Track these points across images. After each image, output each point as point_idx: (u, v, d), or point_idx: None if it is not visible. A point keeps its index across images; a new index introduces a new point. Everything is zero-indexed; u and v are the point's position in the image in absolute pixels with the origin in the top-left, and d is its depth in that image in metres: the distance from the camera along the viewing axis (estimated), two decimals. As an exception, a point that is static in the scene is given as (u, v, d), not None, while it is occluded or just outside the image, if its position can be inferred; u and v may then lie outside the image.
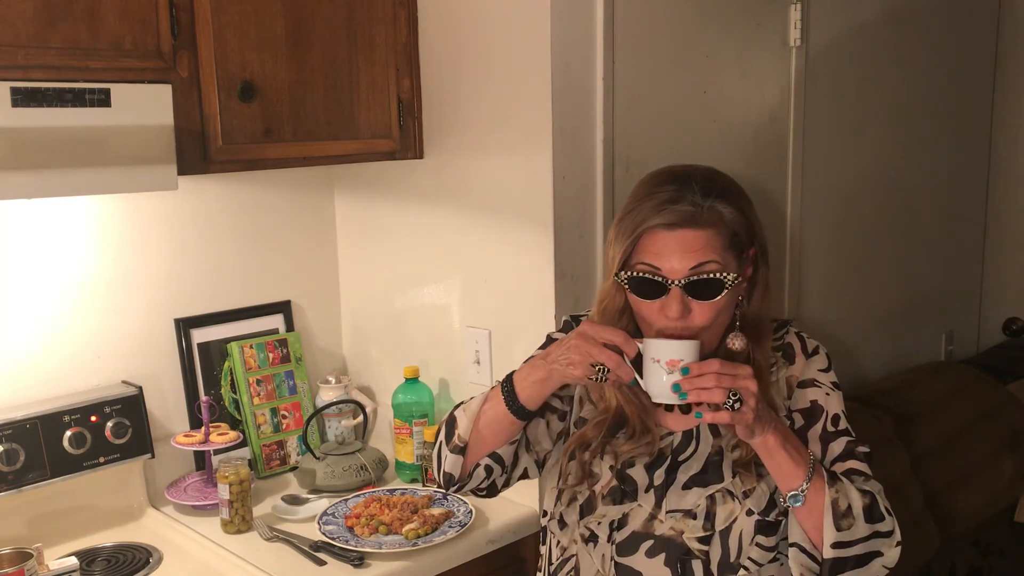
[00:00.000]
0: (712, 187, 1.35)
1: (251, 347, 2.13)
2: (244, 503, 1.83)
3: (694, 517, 1.37)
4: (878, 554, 1.33)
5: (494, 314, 1.97)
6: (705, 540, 1.36)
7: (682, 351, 1.28)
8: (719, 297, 1.32)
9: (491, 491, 1.49)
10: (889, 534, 1.33)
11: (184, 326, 2.08)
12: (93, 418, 1.86)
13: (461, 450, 1.43)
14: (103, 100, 1.51)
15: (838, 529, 1.28)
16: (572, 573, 1.44)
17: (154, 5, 1.60)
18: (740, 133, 2.22)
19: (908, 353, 2.91)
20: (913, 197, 2.84)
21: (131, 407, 1.91)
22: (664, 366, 1.28)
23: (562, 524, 1.46)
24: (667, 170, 1.40)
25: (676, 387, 1.25)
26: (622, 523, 1.41)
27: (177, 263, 2.08)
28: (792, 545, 1.32)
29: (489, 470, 1.44)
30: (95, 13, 1.53)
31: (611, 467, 1.43)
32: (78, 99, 1.48)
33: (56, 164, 1.48)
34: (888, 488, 1.40)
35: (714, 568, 1.36)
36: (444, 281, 2.08)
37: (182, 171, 1.64)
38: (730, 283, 1.32)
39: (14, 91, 1.42)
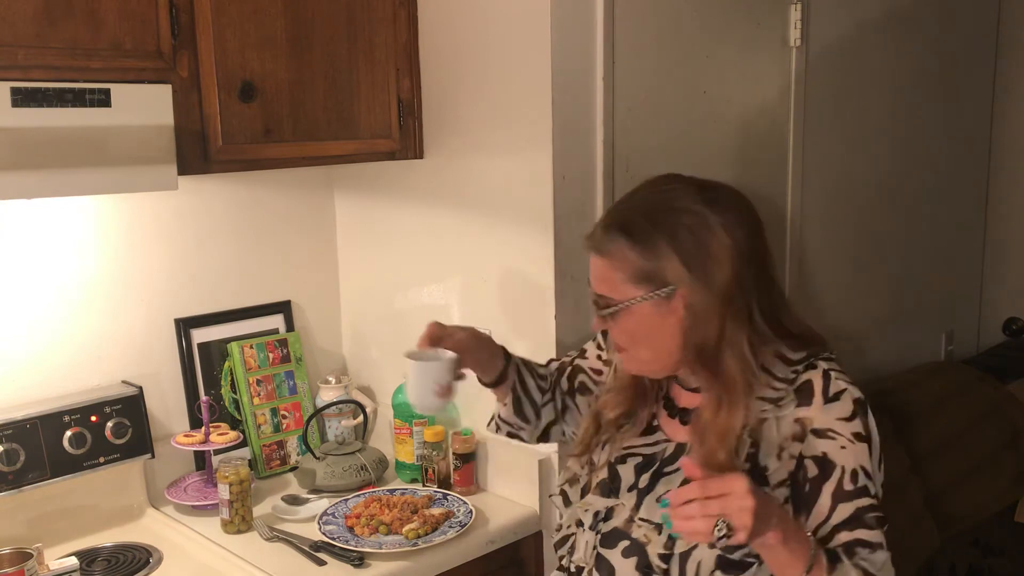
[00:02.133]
0: (614, 219, 1.38)
1: (251, 347, 2.13)
2: (244, 503, 1.83)
3: (659, 532, 1.34)
4: None
5: (494, 314, 1.97)
6: (665, 558, 1.33)
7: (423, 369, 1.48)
8: (617, 319, 1.36)
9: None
10: None
11: (184, 326, 2.08)
12: (93, 418, 1.86)
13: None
14: (103, 100, 1.51)
15: None
16: (569, 549, 1.47)
17: (154, 5, 1.60)
18: (740, 133, 2.22)
19: (908, 353, 2.91)
20: (913, 197, 2.84)
21: (131, 407, 1.91)
22: (425, 382, 1.45)
23: (567, 501, 1.49)
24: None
25: (664, 518, 1.18)
26: (608, 515, 1.42)
27: (177, 263, 2.08)
28: None
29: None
30: (95, 13, 1.53)
31: (609, 460, 1.44)
32: (78, 99, 1.49)
33: (56, 164, 1.48)
34: (888, 488, 1.38)
35: None
36: (444, 281, 2.08)
37: (182, 171, 1.64)
38: (616, 310, 1.35)
39: (14, 91, 1.42)
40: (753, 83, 2.24)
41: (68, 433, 1.82)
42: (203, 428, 1.99)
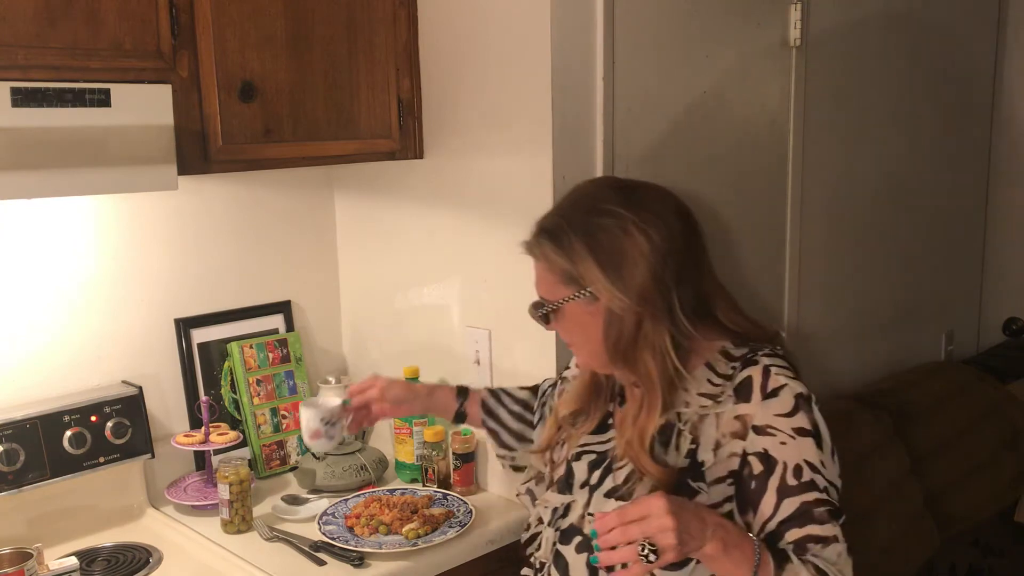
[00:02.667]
0: (542, 223, 1.41)
1: (251, 347, 2.13)
2: (244, 503, 1.83)
3: None
4: None
5: (494, 314, 1.97)
6: None
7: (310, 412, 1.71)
8: (553, 322, 1.42)
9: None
10: None
11: (184, 326, 2.08)
12: (93, 418, 1.86)
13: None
14: (103, 100, 1.51)
15: None
16: (537, 546, 1.50)
17: (154, 5, 1.60)
18: (740, 133, 2.22)
19: (908, 353, 2.91)
20: (913, 197, 2.84)
21: (131, 407, 1.91)
22: (305, 424, 1.71)
23: (533, 497, 1.55)
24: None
25: (597, 548, 1.19)
26: (566, 512, 1.44)
27: (177, 263, 2.08)
28: None
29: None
30: (95, 13, 1.53)
31: (566, 456, 1.48)
32: (78, 99, 1.49)
33: (56, 164, 1.48)
34: (888, 488, 1.38)
35: None
36: (444, 281, 2.08)
37: (182, 171, 1.64)
38: (543, 311, 1.41)
39: (14, 91, 1.42)
40: (753, 83, 2.24)
41: (68, 433, 1.82)
42: (203, 428, 1.99)
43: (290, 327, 2.25)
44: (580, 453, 1.47)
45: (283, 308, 2.25)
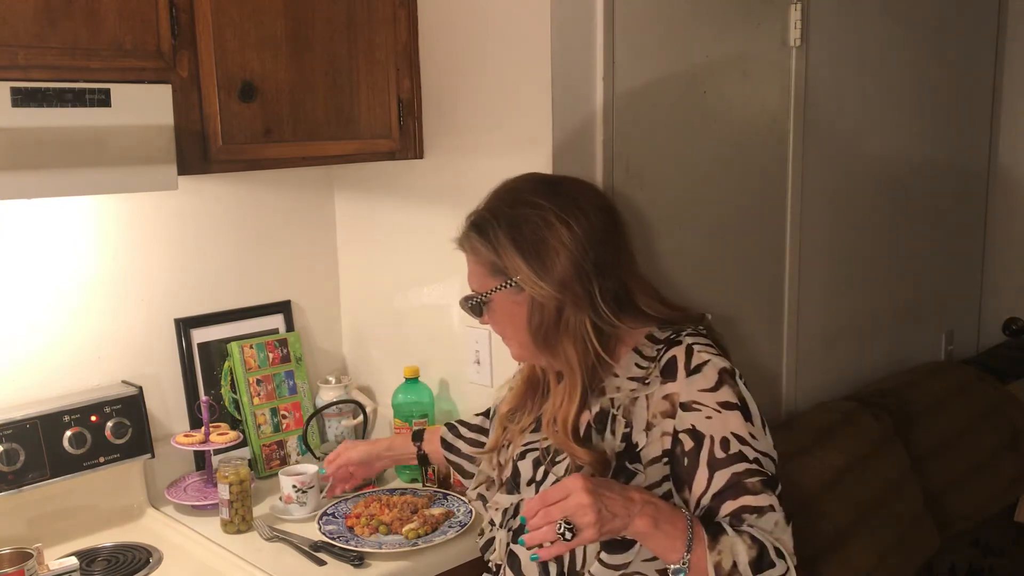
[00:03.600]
0: (470, 218, 1.47)
1: (251, 347, 2.13)
2: (244, 503, 1.83)
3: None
4: None
5: (494, 314, 1.96)
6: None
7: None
8: (481, 317, 1.48)
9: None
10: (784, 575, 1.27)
11: (184, 326, 2.08)
12: (93, 418, 1.86)
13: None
14: (103, 100, 1.51)
15: None
16: (494, 549, 1.52)
17: (154, 5, 1.60)
18: (740, 133, 2.22)
19: (908, 353, 2.91)
20: (913, 197, 2.84)
21: (131, 407, 1.91)
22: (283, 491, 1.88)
23: (485, 502, 1.57)
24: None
25: (520, 540, 1.25)
26: (516, 511, 1.46)
27: (177, 263, 2.08)
28: None
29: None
30: (95, 13, 1.53)
31: (512, 458, 1.51)
32: (78, 99, 1.49)
33: (56, 164, 1.48)
34: (888, 488, 1.39)
35: (565, 572, 1.37)
36: (444, 281, 2.08)
37: (182, 171, 1.64)
38: (471, 303, 1.47)
39: (14, 91, 1.42)
40: (753, 83, 2.24)
41: (68, 433, 1.82)
42: (203, 428, 1.99)
43: (290, 327, 2.25)
44: (524, 452, 1.49)
45: (283, 308, 2.25)
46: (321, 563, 1.69)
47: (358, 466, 1.87)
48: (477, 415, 1.84)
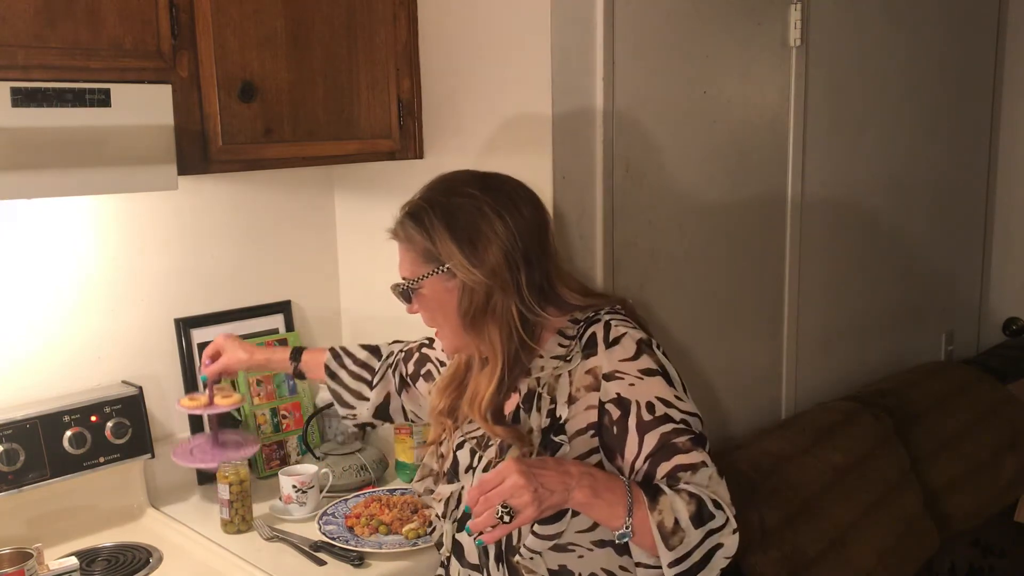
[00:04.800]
0: (406, 207, 1.48)
1: (251, 347, 2.13)
2: (244, 503, 1.83)
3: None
4: (718, 547, 1.30)
5: (494, 314, 1.96)
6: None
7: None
8: (410, 304, 1.50)
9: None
10: (723, 526, 1.30)
11: (184, 326, 2.08)
12: (93, 418, 1.86)
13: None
14: (103, 100, 1.51)
15: (670, 548, 1.26)
16: (440, 539, 1.55)
17: (154, 5, 1.60)
18: (740, 133, 2.22)
19: (908, 353, 2.91)
20: (913, 197, 2.84)
21: (131, 407, 1.91)
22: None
23: (429, 493, 1.58)
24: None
25: (466, 528, 1.28)
26: (459, 501, 1.50)
27: (177, 263, 2.08)
28: (638, 565, 1.33)
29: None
30: (95, 13, 1.53)
31: (451, 449, 1.54)
32: (78, 99, 1.48)
33: (56, 164, 1.48)
34: (888, 488, 1.39)
35: (502, 549, 1.41)
36: (444, 281, 2.08)
37: (182, 171, 1.64)
38: (402, 288, 1.49)
39: (14, 91, 1.42)
40: (753, 83, 2.24)
41: (68, 433, 1.82)
42: (206, 390, 1.91)
43: (290, 327, 2.25)
44: (463, 442, 1.52)
45: (283, 308, 2.25)
46: (321, 563, 1.69)
47: (230, 360, 1.86)
48: (363, 348, 1.85)
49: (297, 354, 1.87)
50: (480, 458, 1.48)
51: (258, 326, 2.20)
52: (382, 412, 1.80)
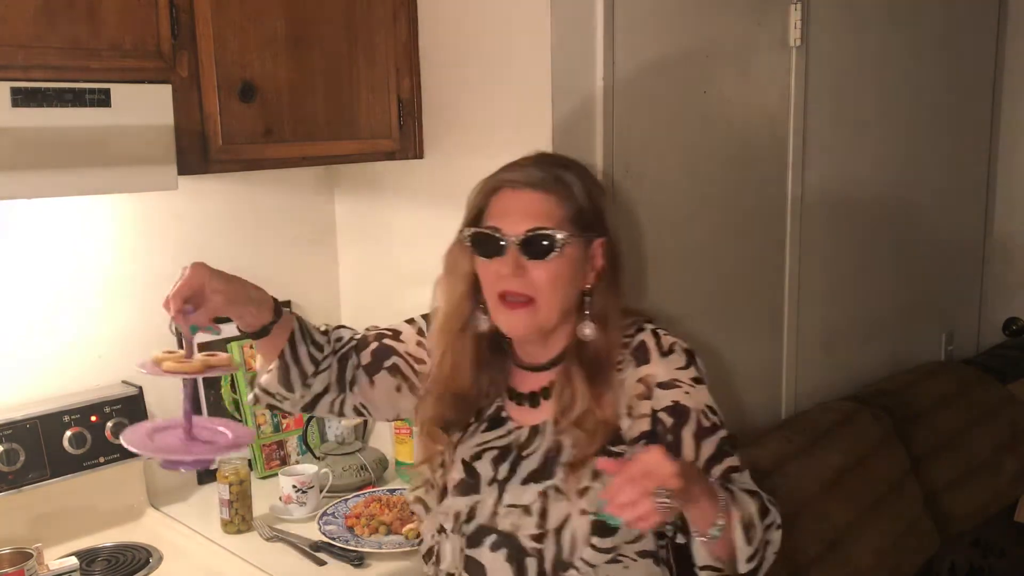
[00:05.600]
0: (563, 161, 1.43)
1: (251, 347, 2.13)
2: (244, 503, 1.84)
3: (529, 514, 1.37)
4: (770, 543, 1.31)
5: (494, 314, 1.96)
6: (539, 538, 1.36)
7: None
8: (551, 256, 1.35)
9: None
10: (776, 523, 1.32)
11: (184, 326, 2.08)
12: (93, 418, 1.86)
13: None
14: (103, 100, 1.51)
15: (748, 543, 1.26)
16: (436, 559, 1.46)
17: (154, 5, 1.60)
18: (740, 133, 2.22)
19: (908, 353, 2.91)
20: (913, 197, 2.84)
21: (131, 407, 1.91)
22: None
23: (426, 507, 1.48)
24: (527, 154, 1.47)
25: (607, 517, 1.16)
26: (471, 515, 1.41)
27: (177, 263, 2.06)
28: (703, 569, 1.30)
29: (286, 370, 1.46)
30: (95, 13, 1.53)
31: (463, 459, 1.45)
32: (78, 99, 1.49)
33: (56, 164, 1.48)
34: (888, 488, 1.40)
35: (548, 566, 1.35)
36: (444, 281, 2.07)
37: (182, 171, 1.64)
38: (560, 243, 1.34)
39: (14, 91, 1.42)
40: (753, 83, 2.24)
41: (68, 433, 1.82)
42: (184, 344, 1.42)
43: (290, 327, 2.25)
44: (480, 452, 1.44)
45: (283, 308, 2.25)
46: (321, 563, 1.69)
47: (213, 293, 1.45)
48: (321, 331, 1.54)
49: (279, 311, 1.49)
50: (508, 470, 1.41)
51: (258, 326, 2.19)
52: (311, 404, 1.50)
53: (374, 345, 1.55)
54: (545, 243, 1.35)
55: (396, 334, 1.57)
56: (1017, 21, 3.12)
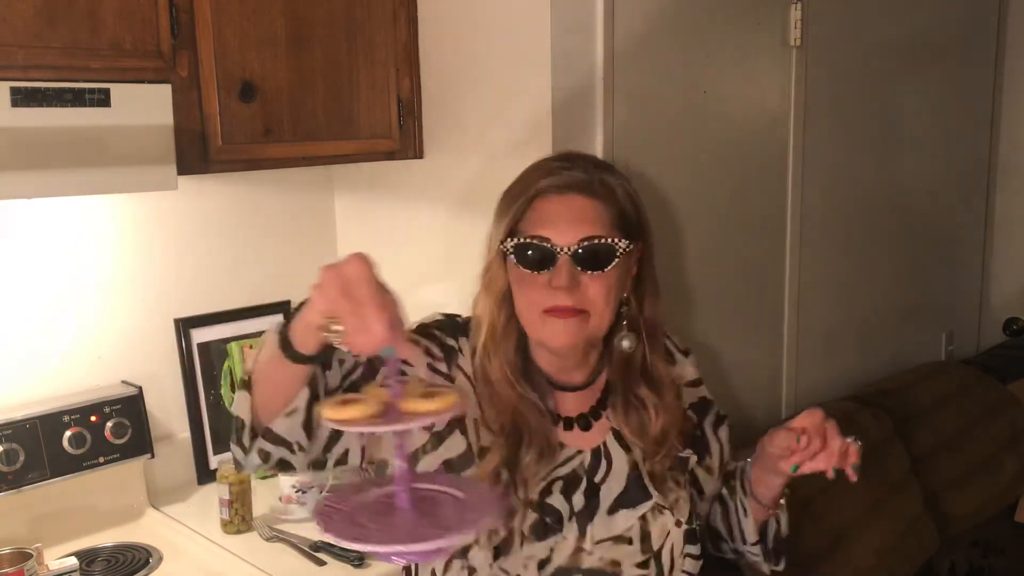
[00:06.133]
0: (598, 161, 1.39)
1: (251, 347, 2.13)
2: (244, 503, 1.83)
3: (629, 542, 1.30)
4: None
5: (494, 314, 1.96)
6: (644, 564, 1.31)
7: None
8: (611, 267, 1.24)
9: (285, 466, 1.16)
10: None
11: (184, 326, 2.08)
12: (93, 418, 1.86)
13: (246, 384, 1.11)
14: (103, 100, 1.51)
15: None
16: None
17: (154, 5, 1.60)
18: (740, 133, 2.22)
19: (908, 353, 2.91)
20: (913, 197, 2.84)
21: (131, 407, 1.91)
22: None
23: (470, 571, 1.27)
24: (552, 154, 1.41)
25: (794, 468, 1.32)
26: (546, 559, 1.26)
27: (177, 263, 2.08)
28: (755, 543, 1.41)
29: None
30: (94, 13, 1.53)
31: (531, 499, 1.28)
32: (78, 99, 1.48)
33: (56, 164, 1.48)
34: (888, 488, 1.43)
35: None
36: (444, 281, 2.08)
37: (182, 171, 1.64)
38: (621, 251, 1.25)
39: (14, 91, 1.42)
40: (753, 83, 2.24)
41: (68, 433, 1.82)
42: (382, 384, 1.00)
43: (290, 327, 2.25)
44: (547, 486, 1.30)
45: (283, 308, 2.25)
46: (321, 563, 1.69)
47: None
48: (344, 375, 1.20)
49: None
50: (584, 500, 1.29)
51: (258, 326, 2.19)
52: (322, 453, 1.20)
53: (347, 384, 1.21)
54: (602, 253, 1.23)
55: (371, 369, 1.22)
56: (1017, 21, 3.12)
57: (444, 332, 1.35)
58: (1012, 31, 3.12)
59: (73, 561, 1.62)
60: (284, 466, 1.16)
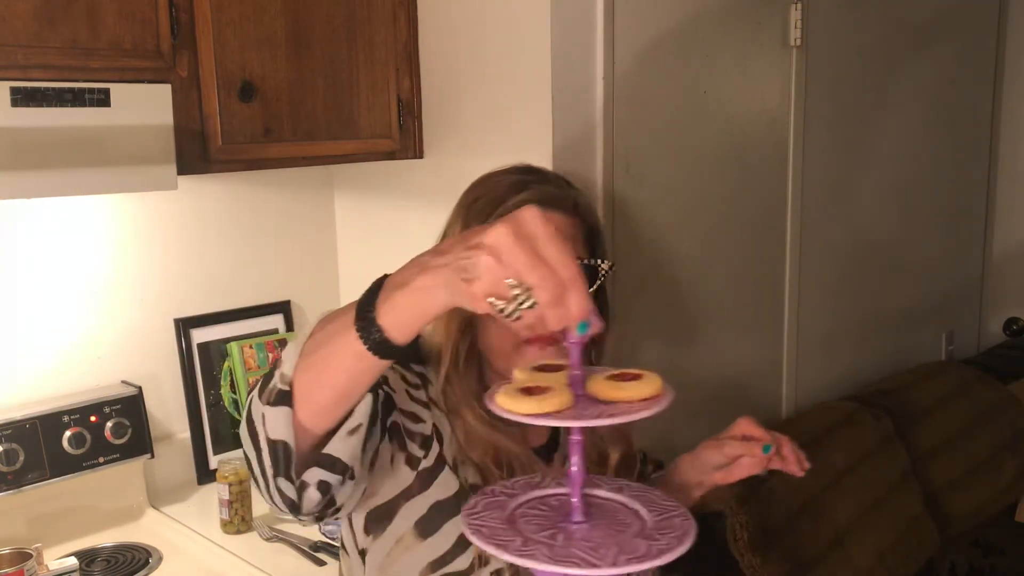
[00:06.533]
0: (557, 175, 1.32)
1: (251, 347, 2.13)
2: (244, 503, 1.83)
3: None
4: None
5: (494, 314, 1.96)
6: None
7: None
8: (594, 288, 1.15)
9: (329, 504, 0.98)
10: None
11: (184, 326, 2.08)
12: (93, 418, 1.86)
13: (286, 397, 0.90)
14: (103, 100, 1.51)
15: None
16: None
17: (154, 5, 1.59)
18: (740, 133, 2.22)
19: (908, 353, 2.91)
20: (913, 197, 2.84)
21: (131, 407, 1.91)
22: None
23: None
24: (508, 167, 1.28)
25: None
26: None
27: (177, 263, 2.08)
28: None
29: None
30: (94, 13, 1.53)
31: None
32: (78, 99, 1.48)
33: (56, 164, 1.48)
34: (888, 488, 1.43)
35: None
36: (444, 281, 2.07)
37: (182, 171, 1.64)
38: (603, 272, 1.16)
39: (14, 91, 1.42)
40: (753, 83, 2.23)
41: (68, 433, 1.82)
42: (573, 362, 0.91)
43: (290, 327, 2.25)
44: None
45: (283, 308, 2.25)
46: (321, 563, 1.69)
47: None
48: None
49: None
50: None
51: (258, 326, 2.20)
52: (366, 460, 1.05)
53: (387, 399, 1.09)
54: (586, 275, 0.98)
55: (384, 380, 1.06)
56: (1018, 21, 3.12)
57: (407, 358, 1.21)
58: (1012, 31, 3.12)
59: (73, 561, 1.62)
60: (332, 511, 1.01)
